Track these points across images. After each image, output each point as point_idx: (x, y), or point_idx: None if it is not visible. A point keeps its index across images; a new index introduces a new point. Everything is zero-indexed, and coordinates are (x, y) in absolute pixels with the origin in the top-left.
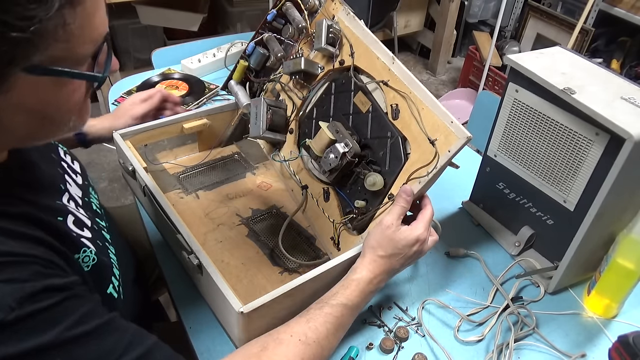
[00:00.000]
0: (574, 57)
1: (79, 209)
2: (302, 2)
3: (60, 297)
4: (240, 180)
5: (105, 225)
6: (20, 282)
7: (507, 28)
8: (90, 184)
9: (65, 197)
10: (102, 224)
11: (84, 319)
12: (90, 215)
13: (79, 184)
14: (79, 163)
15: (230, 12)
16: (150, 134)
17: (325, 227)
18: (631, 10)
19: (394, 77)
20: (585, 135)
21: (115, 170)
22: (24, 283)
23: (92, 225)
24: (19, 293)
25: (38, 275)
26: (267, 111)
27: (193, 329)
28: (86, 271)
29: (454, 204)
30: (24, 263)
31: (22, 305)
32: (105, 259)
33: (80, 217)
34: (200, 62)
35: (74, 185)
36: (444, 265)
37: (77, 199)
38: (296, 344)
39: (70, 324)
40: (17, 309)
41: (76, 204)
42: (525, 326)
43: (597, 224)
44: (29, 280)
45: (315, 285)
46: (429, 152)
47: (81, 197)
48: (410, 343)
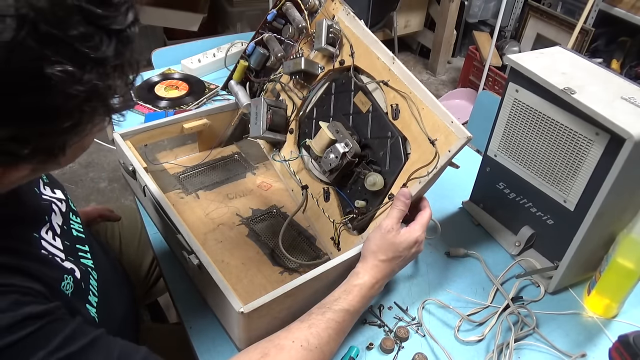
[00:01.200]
0: (574, 57)
1: (56, 240)
2: (302, 2)
3: (41, 324)
4: (241, 180)
5: (86, 249)
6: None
7: (507, 28)
8: (72, 208)
9: (45, 228)
10: (83, 249)
11: (67, 341)
12: (69, 244)
13: (62, 212)
14: (61, 190)
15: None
16: (150, 134)
17: (325, 227)
18: (631, 10)
19: (394, 77)
20: (586, 135)
21: (115, 170)
22: (3, 314)
23: (67, 257)
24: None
25: (16, 305)
26: (267, 111)
27: (193, 329)
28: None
29: (454, 204)
30: (1, 293)
31: (4, 336)
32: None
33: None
34: (200, 62)
35: (58, 214)
36: (444, 265)
37: (57, 228)
38: (298, 350)
39: (53, 348)
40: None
41: (54, 234)
42: (526, 326)
43: (597, 223)
44: (7, 310)
45: (315, 285)
46: (429, 152)
47: (61, 225)
48: (410, 343)
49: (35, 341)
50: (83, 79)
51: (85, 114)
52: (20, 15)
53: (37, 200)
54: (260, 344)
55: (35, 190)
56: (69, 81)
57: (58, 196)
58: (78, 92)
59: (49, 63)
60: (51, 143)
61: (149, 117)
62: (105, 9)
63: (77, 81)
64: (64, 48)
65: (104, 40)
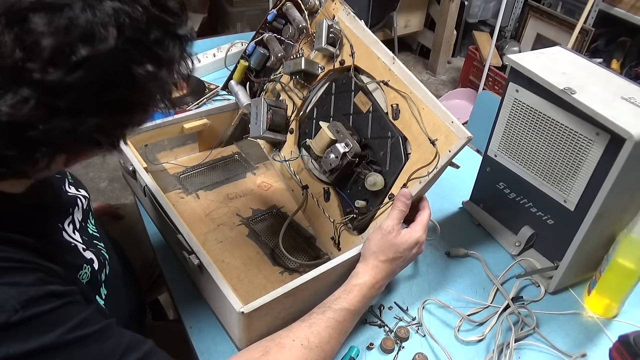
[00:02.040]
0: (574, 57)
1: (75, 233)
2: (303, 2)
3: (62, 302)
4: (241, 180)
5: (102, 246)
6: (25, 286)
7: (507, 28)
8: (91, 209)
9: (68, 220)
10: (100, 245)
11: (83, 323)
12: (87, 239)
13: (84, 208)
14: (85, 190)
15: (230, 12)
16: (150, 134)
17: (325, 227)
18: (631, 10)
19: (395, 77)
20: (586, 135)
21: (115, 170)
22: (28, 287)
23: (89, 248)
24: (23, 296)
25: (41, 282)
26: (268, 111)
27: (193, 329)
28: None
29: (454, 204)
30: (29, 270)
31: (26, 308)
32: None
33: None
34: (200, 62)
35: (80, 209)
36: (444, 265)
37: (77, 222)
38: (298, 349)
39: (70, 327)
40: (21, 310)
41: (74, 228)
42: (526, 326)
43: (597, 223)
44: (32, 285)
45: (315, 285)
46: (430, 152)
47: (80, 221)
48: (410, 343)
49: (56, 317)
50: (159, 76)
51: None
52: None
53: (64, 195)
54: (261, 343)
55: (61, 187)
56: (149, 78)
57: (82, 194)
58: (154, 88)
59: (136, 63)
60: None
61: None
62: (173, 17)
63: (154, 78)
64: (145, 50)
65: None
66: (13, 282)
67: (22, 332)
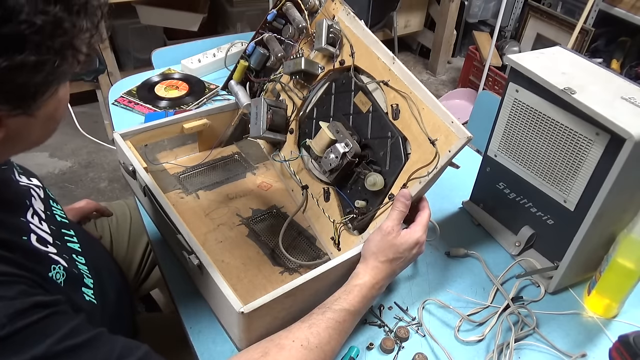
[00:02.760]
0: (574, 57)
1: (42, 224)
2: (303, 2)
3: (48, 312)
4: (241, 180)
5: (72, 234)
6: (9, 300)
7: (507, 28)
8: (51, 196)
9: (30, 212)
10: (68, 233)
11: (73, 333)
12: (55, 228)
13: (42, 198)
14: (36, 178)
15: (230, 12)
16: (150, 134)
17: (325, 227)
18: (631, 10)
19: (395, 77)
20: (586, 135)
21: (115, 170)
22: (13, 300)
23: (55, 241)
24: (10, 309)
25: (24, 294)
26: (268, 111)
27: (193, 329)
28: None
29: (454, 204)
30: (10, 282)
31: (13, 321)
32: (74, 271)
33: (42, 234)
34: (200, 62)
35: (38, 199)
36: (444, 265)
37: (41, 213)
38: (298, 349)
39: (60, 337)
40: (8, 324)
41: (40, 219)
42: (526, 326)
43: (597, 223)
44: (17, 298)
45: (315, 285)
46: (430, 152)
47: (44, 211)
48: (410, 343)
49: (44, 328)
50: (47, 10)
51: (53, 52)
52: None
53: (15, 186)
54: (261, 344)
55: (11, 177)
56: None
57: (35, 183)
58: (42, 22)
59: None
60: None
61: (149, 117)
62: None
63: (40, 11)
64: None
65: None
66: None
67: (12, 346)
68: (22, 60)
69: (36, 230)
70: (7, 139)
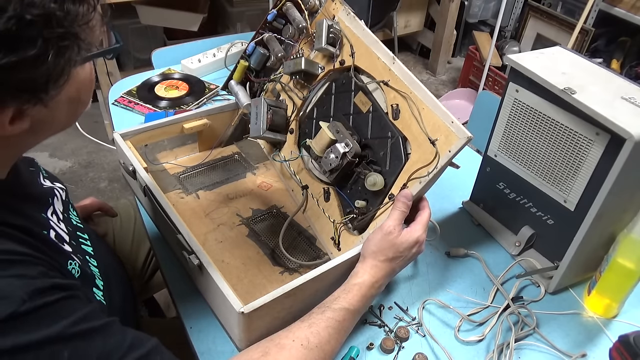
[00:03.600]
0: (574, 57)
1: (60, 223)
2: (303, 2)
3: (66, 294)
4: (241, 180)
5: (86, 237)
6: (30, 278)
7: (507, 28)
8: (70, 201)
9: (50, 210)
10: (83, 237)
11: (87, 317)
12: (71, 229)
13: (63, 200)
14: (60, 182)
15: (230, 12)
16: (150, 134)
17: (325, 227)
18: (631, 10)
19: (395, 77)
20: (586, 135)
21: (115, 170)
22: (34, 279)
23: (71, 240)
24: (30, 287)
25: (44, 275)
26: (268, 111)
27: (193, 329)
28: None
29: (454, 204)
30: (31, 263)
31: (33, 299)
32: (87, 271)
33: (60, 232)
34: (200, 62)
35: (59, 200)
36: (444, 265)
37: (60, 213)
38: (298, 349)
39: (75, 320)
40: (28, 301)
41: (58, 218)
42: (526, 326)
43: (597, 223)
44: (37, 277)
45: (315, 285)
46: (430, 152)
47: (62, 212)
48: (410, 343)
49: (61, 309)
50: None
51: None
52: None
53: (40, 186)
54: (261, 344)
55: (37, 178)
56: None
57: (58, 186)
58: (33, 16)
59: None
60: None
61: (149, 117)
62: None
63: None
64: None
65: None
66: (19, 274)
67: (30, 323)
68: (20, 57)
69: (55, 227)
70: (33, 128)
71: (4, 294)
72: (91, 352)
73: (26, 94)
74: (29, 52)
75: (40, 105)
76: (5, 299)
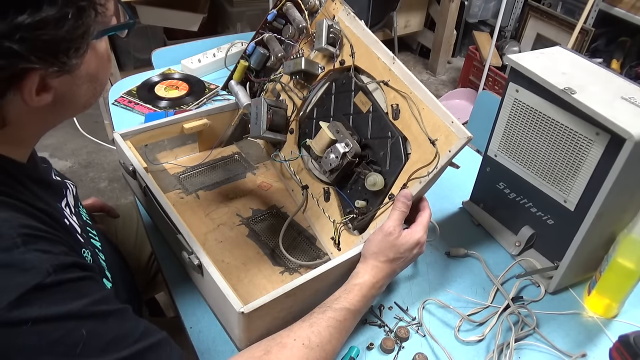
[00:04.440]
0: (574, 57)
1: (72, 216)
2: (303, 2)
3: (86, 275)
4: (241, 180)
5: (95, 233)
6: (55, 254)
7: (507, 28)
8: (79, 198)
9: (64, 202)
10: (92, 232)
11: (105, 299)
12: (81, 224)
13: (74, 195)
14: (70, 181)
15: (230, 12)
16: (150, 134)
17: (325, 227)
18: (631, 10)
19: (395, 77)
20: (586, 135)
21: (115, 170)
22: (58, 255)
23: (82, 233)
24: (55, 261)
25: (66, 253)
26: (268, 111)
27: (193, 329)
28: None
29: (454, 204)
30: (55, 241)
31: (57, 272)
32: (98, 262)
33: (72, 223)
34: (200, 62)
35: (71, 195)
36: (444, 265)
37: (71, 207)
38: (300, 348)
39: (94, 300)
40: (53, 274)
41: (70, 211)
42: (526, 326)
43: (597, 223)
44: (60, 254)
45: (315, 285)
46: (430, 152)
47: (73, 206)
48: (410, 343)
49: (81, 288)
50: None
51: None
52: None
53: (53, 178)
54: (262, 342)
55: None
56: None
57: (68, 182)
58: None
59: None
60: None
61: (149, 117)
62: None
63: None
64: None
65: None
66: (44, 249)
67: (53, 295)
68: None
69: (69, 218)
70: (56, 102)
71: (31, 265)
72: (107, 333)
73: (49, 56)
74: (51, 12)
75: (66, 75)
76: (32, 270)
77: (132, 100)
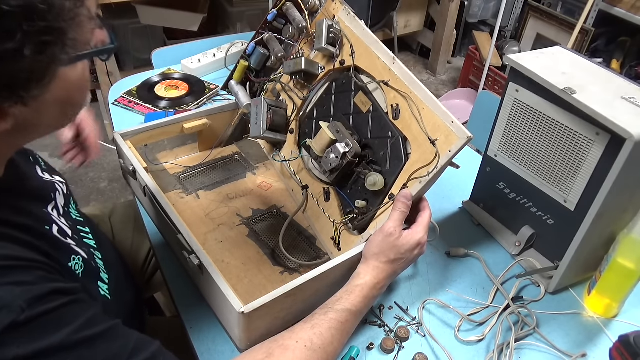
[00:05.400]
0: (574, 57)
1: (61, 218)
2: (303, 2)
3: (67, 300)
4: (241, 180)
5: (87, 230)
6: (29, 285)
7: (507, 28)
8: (71, 194)
9: (51, 205)
10: (84, 230)
11: (90, 323)
12: (71, 224)
13: (64, 194)
14: (59, 175)
15: (230, 12)
16: (150, 134)
17: (325, 227)
18: (631, 10)
19: (395, 77)
20: (586, 135)
21: (115, 170)
22: (32, 285)
23: (73, 235)
24: (28, 295)
25: (44, 279)
26: (268, 111)
27: (194, 329)
28: (80, 278)
29: (454, 204)
30: (30, 268)
31: (32, 307)
32: (92, 264)
33: (62, 226)
34: (200, 62)
35: (61, 194)
36: (444, 265)
37: (60, 208)
38: (302, 350)
39: (78, 327)
40: (27, 310)
41: (59, 214)
42: (526, 326)
43: (597, 223)
44: (36, 283)
45: (316, 285)
46: (430, 152)
47: (63, 207)
48: (410, 343)
49: (62, 316)
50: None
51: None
52: None
53: (40, 180)
54: (264, 344)
55: (35, 171)
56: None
57: (58, 179)
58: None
59: None
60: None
61: (149, 117)
62: None
63: None
64: None
65: None
66: (17, 281)
67: (30, 332)
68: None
69: (57, 222)
70: (18, 128)
71: (2, 304)
72: (95, 358)
73: (5, 91)
74: (6, 45)
75: (21, 105)
76: (3, 309)
77: (132, 100)
